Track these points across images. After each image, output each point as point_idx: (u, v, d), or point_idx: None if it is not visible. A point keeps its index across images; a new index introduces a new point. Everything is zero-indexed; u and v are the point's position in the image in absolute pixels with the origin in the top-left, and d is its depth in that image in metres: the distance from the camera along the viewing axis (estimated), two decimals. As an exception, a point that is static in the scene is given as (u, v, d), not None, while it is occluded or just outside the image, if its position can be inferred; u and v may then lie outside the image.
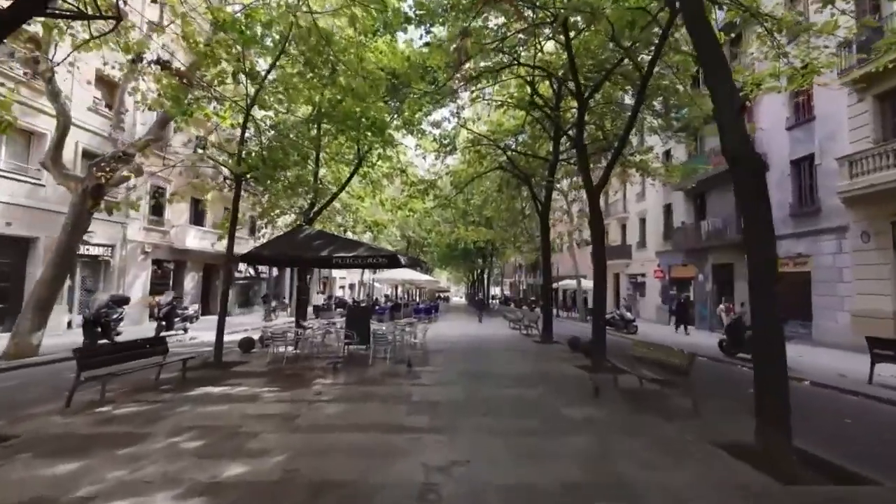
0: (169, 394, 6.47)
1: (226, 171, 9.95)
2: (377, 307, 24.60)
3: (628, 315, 17.85)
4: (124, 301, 12.28)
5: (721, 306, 20.31)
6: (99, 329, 10.83)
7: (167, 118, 10.53)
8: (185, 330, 14.38)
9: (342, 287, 46.63)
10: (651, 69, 8.20)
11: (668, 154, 22.43)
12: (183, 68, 8.69)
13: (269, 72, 9.26)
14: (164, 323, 13.37)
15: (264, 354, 10.14)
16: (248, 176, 9.37)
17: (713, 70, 4.70)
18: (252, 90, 9.13)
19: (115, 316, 11.40)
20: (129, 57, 7.63)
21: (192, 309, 15.71)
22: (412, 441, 4.45)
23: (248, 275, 27.00)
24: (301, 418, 5.22)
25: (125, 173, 10.05)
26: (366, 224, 17.92)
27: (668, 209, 23.83)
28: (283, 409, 5.65)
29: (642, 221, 26.75)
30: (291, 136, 11.32)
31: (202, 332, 15.33)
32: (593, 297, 9.41)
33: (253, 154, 9.97)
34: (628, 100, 14.89)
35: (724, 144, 4.57)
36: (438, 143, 15.53)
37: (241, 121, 9.46)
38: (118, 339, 11.67)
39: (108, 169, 8.97)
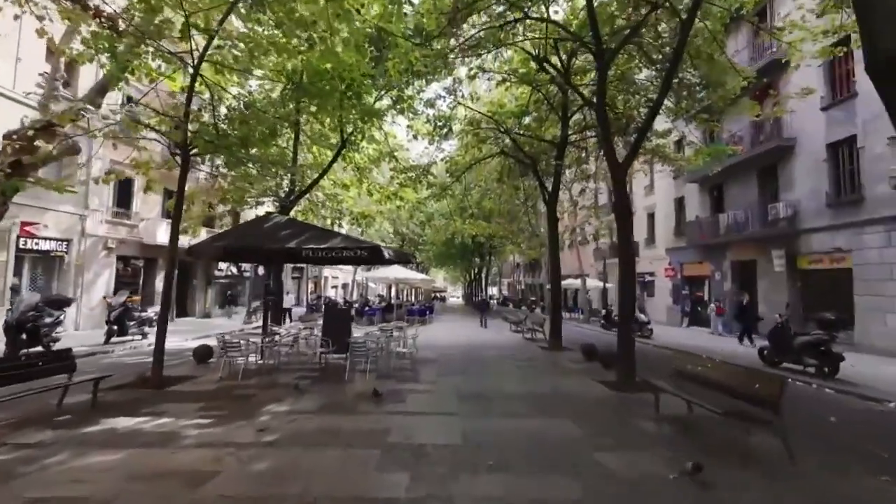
0: (59, 430, 4.73)
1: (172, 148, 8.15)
2: (367, 308, 22.91)
3: (642, 317, 16.16)
4: (63, 303, 10.50)
5: (711, 305, 18.77)
6: (24, 336, 9.05)
7: (106, 83, 8.79)
8: (144, 335, 12.58)
9: (335, 287, 44.80)
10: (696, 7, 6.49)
11: (679, 143, 20.78)
12: (112, 11, 6.95)
13: (223, 21, 7.51)
14: (115, 327, 11.57)
15: (224, 365, 8.33)
16: (194, 150, 7.62)
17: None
18: (201, 43, 7.41)
19: (48, 320, 9.61)
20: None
21: (153, 311, 13.88)
22: (376, 534, 2.74)
23: (229, 273, 25.15)
24: (216, 480, 3.49)
25: (51, 149, 8.26)
26: (352, 216, 16.16)
27: (679, 203, 22.20)
28: (200, 459, 3.92)
29: (650, 217, 25.11)
30: (258, 106, 9.59)
31: (170, 338, 13.56)
32: (619, 298, 7.75)
33: (209, 126, 8.25)
34: (639, 79, 13.25)
35: (877, 45, 2.93)
36: (433, 125, 13.83)
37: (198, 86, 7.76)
38: (55, 346, 9.94)
39: (17, 139, 7.20)
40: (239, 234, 8.82)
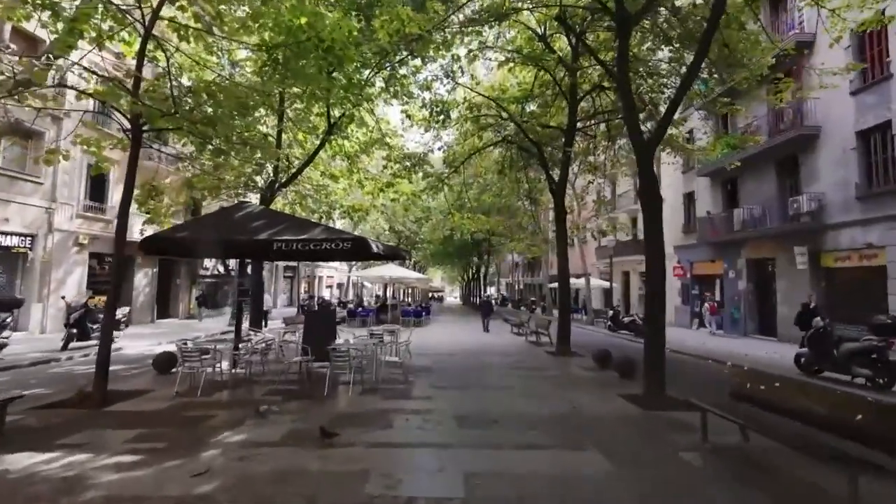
0: (-68, 473, 3.59)
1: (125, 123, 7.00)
2: (361, 308, 21.82)
3: (653, 318, 15.05)
4: (12, 304, 9.36)
5: (706, 305, 17.75)
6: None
7: (51, 50, 7.61)
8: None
9: (329, 286, 43.66)
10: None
11: (690, 133, 19.70)
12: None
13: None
14: (75, 331, 10.39)
15: (185, 377, 7.14)
16: (145, 126, 6.48)
17: None
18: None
19: (-10, 323, 8.47)
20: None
21: (121, 312, 12.69)
22: None
23: (216, 272, 23.97)
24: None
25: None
26: (343, 210, 15.00)
27: (689, 198, 21.16)
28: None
29: (657, 213, 24.02)
30: (232, 78, 8.44)
31: (143, 342, 12.50)
32: (647, 298, 6.70)
33: (167, 98, 7.09)
34: (654, 61, 12.17)
35: None
36: (429, 110, 12.69)
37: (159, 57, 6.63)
38: (3, 352, 8.82)
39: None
40: (203, 225, 7.68)
